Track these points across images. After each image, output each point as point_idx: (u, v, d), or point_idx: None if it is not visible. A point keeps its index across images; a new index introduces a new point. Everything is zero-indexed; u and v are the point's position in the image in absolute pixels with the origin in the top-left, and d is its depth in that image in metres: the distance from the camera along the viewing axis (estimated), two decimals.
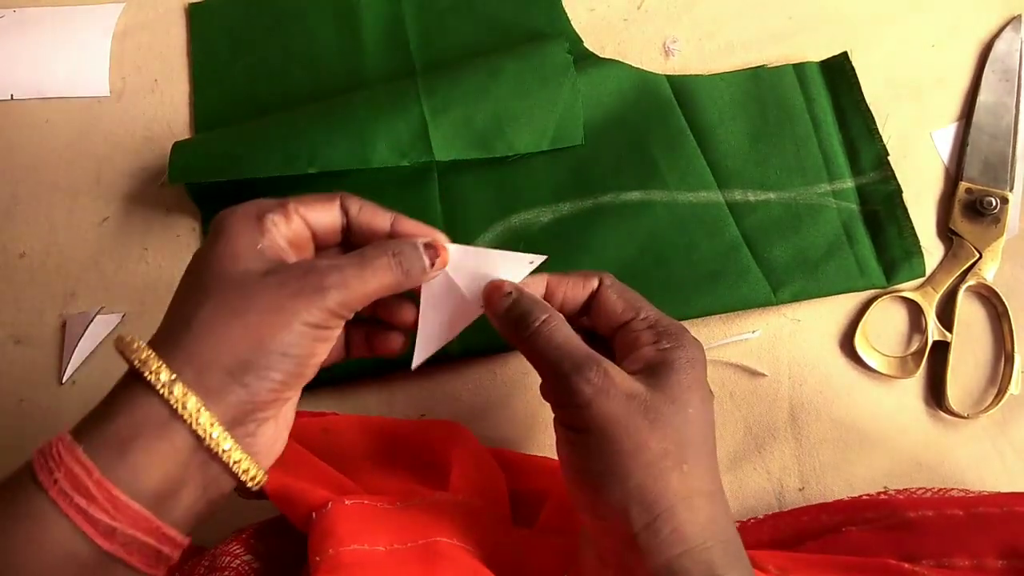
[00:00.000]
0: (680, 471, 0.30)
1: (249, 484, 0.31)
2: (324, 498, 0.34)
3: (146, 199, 0.52)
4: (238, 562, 0.36)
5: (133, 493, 0.28)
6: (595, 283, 0.35)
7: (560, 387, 0.31)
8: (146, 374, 0.28)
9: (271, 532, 0.38)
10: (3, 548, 0.27)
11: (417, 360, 0.36)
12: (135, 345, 0.29)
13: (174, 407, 0.28)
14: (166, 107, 0.54)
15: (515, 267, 0.35)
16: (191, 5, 0.57)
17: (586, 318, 0.36)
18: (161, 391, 0.28)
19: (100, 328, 0.50)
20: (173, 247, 0.51)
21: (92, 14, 0.57)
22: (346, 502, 0.34)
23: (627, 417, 0.30)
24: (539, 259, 0.35)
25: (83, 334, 0.49)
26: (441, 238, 0.35)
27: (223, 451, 0.29)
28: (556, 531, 0.39)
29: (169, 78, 0.55)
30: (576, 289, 0.35)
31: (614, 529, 0.30)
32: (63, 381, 0.49)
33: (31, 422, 0.49)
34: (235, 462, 0.30)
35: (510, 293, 0.34)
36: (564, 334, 0.32)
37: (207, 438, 0.29)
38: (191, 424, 0.28)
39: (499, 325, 0.34)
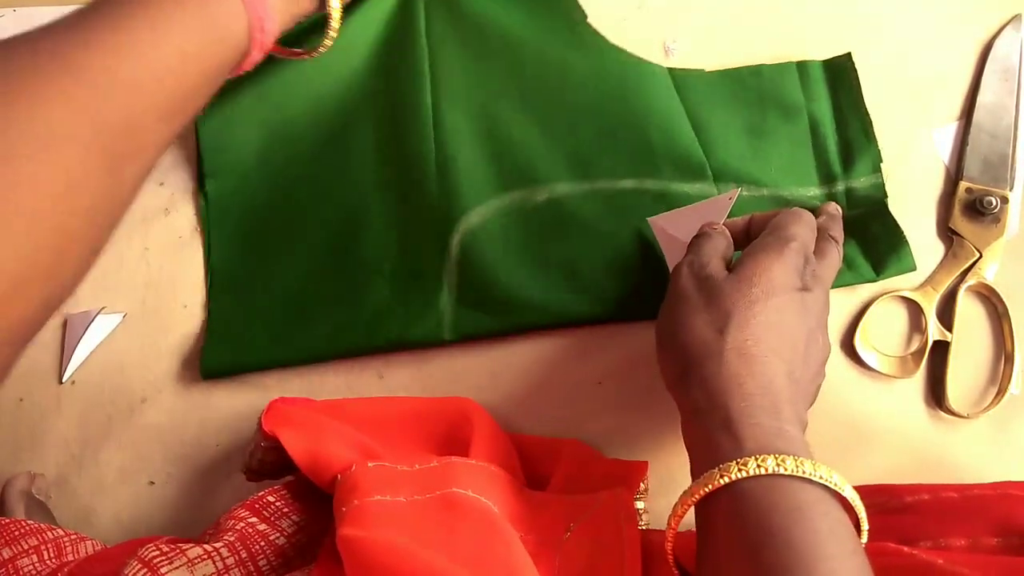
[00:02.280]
0: (716, 333, 0.36)
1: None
2: (349, 461, 0.37)
3: (146, 199, 0.52)
4: (242, 524, 0.38)
5: None
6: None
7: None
8: None
9: (278, 497, 0.40)
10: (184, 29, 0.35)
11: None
12: None
13: None
14: None
15: (717, 209, 0.45)
16: None
17: None
18: None
19: (100, 328, 0.50)
20: (173, 247, 0.51)
21: None
22: (369, 464, 0.37)
23: (687, 291, 0.39)
24: (735, 194, 0.45)
25: (83, 334, 0.49)
26: None
27: None
28: (564, 492, 0.42)
29: None
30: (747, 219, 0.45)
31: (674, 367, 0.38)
32: (63, 380, 0.49)
33: (30, 421, 0.49)
34: None
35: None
36: (709, 237, 0.42)
37: None
38: None
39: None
